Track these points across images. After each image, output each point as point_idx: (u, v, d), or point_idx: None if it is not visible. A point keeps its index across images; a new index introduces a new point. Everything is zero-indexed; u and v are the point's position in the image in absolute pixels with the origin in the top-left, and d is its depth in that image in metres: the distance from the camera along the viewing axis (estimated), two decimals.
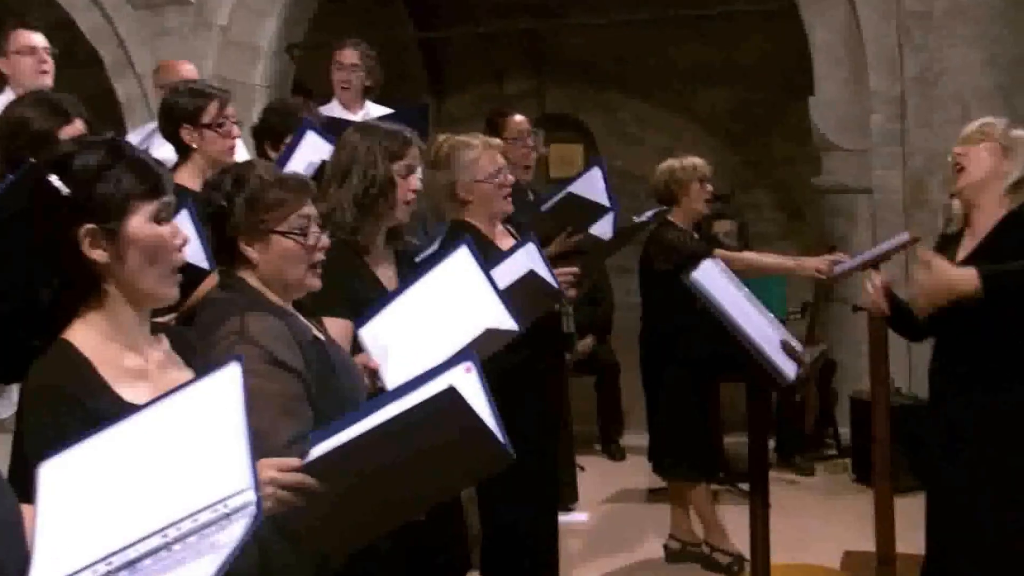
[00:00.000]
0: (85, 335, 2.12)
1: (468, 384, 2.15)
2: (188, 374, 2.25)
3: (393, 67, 6.63)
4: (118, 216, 2.10)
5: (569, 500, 6.30)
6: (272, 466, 2.00)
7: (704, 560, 5.56)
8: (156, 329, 2.27)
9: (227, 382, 1.90)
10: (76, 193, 2.08)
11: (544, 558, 4.32)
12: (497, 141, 4.20)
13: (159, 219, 2.15)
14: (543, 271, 3.53)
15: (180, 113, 3.80)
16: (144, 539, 1.67)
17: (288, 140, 4.19)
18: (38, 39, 5.20)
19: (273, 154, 4.36)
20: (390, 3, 10.49)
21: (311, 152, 3.88)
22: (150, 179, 2.15)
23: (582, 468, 6.87)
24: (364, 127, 3.50)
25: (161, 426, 1.86)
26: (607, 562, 5.61)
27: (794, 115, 8.30)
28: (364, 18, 9.50)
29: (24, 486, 1.79)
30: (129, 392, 2.09)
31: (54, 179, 2.08)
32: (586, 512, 6.37)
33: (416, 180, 3.36)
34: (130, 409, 2.03)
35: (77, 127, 3.31)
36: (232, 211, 2.62)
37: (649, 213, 5.36)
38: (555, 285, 3.00)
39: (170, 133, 3.83)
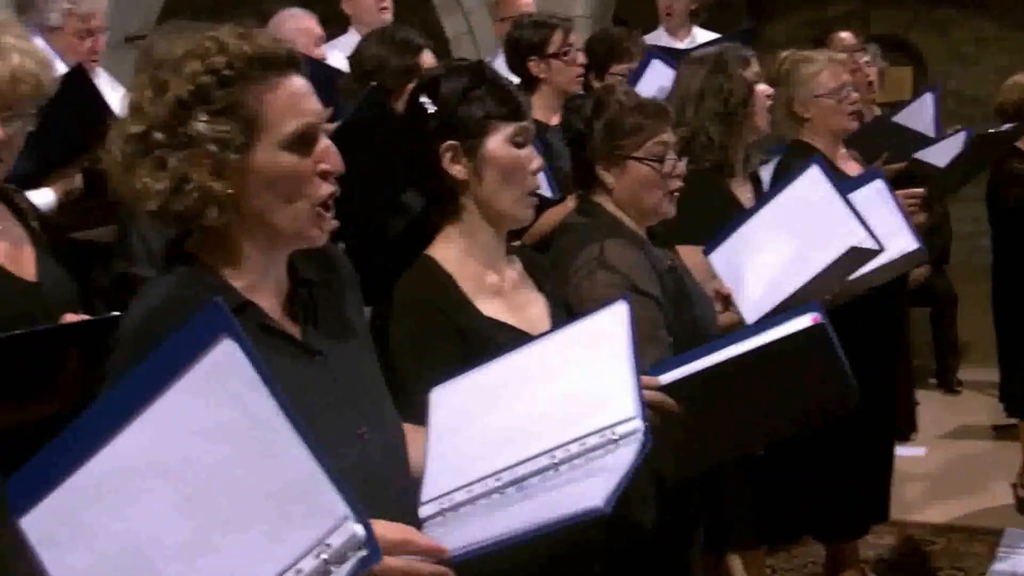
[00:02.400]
0: (446, 251, 2.23)
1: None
2: (539, 296, 2.32)
3: None
4: (478, 135, 2.19)
5: (908, 431, 6.03)
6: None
7: None
8: (510, 251, 2.34)
9: (614, 318, 1.93)
10: (442, 112, 2.20)
11: (877, 492, 4.14)
12: (842, 56, 4.00)
13: (517, 142, 2.22)
14: (891, 209, 3.31)
15: (526, 45, 3.84)
16: (532, 458, 1.72)
17: (613, 69, 4.16)
18: None
19: (597, 84, 4.34)
20: None
21: (656, 79, 3.83)
22: (510, 103, 2.23)
23: (917, 403, 6.57)
24: (705, 50, 3.46)
25: (548, 357, 1.92)
26: (949, 506, 5.31)
27: None
28: None
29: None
30: (488, 307, 2.19)
31: (424, 99, 2.23)
32: (924, 447, 6.09)
33: (767, 89, 3.30)
34: (494, 325, 2.15)
35: (428, 58, 3.41)
36: (591, 136, 2.64)
37: (1007, 126, 4.94)
38: (878, 246, 2.80)
39: (517, 66, 3.89)
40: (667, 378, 2.09)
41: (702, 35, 5.56)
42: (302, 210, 1.68)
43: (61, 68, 3.53)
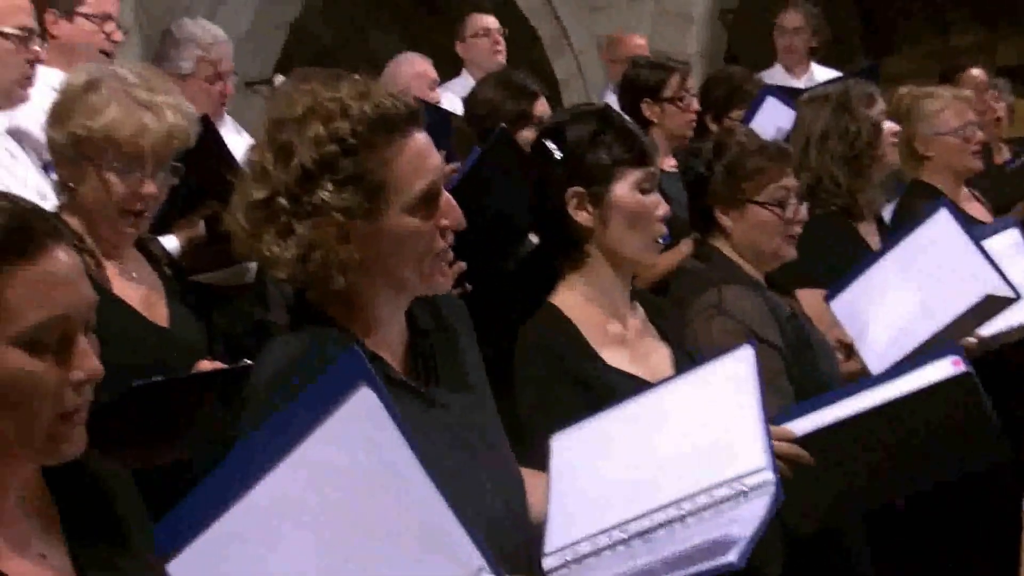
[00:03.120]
0: (570, 298, 2.21)
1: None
2: (662, 346, 2.28)
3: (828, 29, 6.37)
4: (605, 181, 2.18)
5: None
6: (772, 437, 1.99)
7: None
8: (633, 297, 2.32)
9: (740, 365, 1.90)
10: (568, 158, 2.19)
11: (1005, 549, 3.97)
12: (967, 93, 3.90)
13: (644, 188, 2.20)
14: None
15: (642, 86, 3.83)
16: (659, 510, 1.70)
17: (733, 113, 4.12)
18: (491, 21, 5.48)
19: (715, 127, 4.30)
20: None
21: (772, 118, 3.78)
22: (637, 148, 2.22)
23: None
24: (826, 88, 3.40)
25: (672, 403, 1.89)
26: None
27: None
28: None
29: None
30: (611, 356, 2.16)
31: (549, 144, 2.21)
32: None
33: (893, 127, 3.23)
34: (617, 375, 2.12)
35: (542, 106, 3.43)
36: (710, 178, 2.62)
37: None
38: (1014, 294, 2.70)
39: (630, 106, 3.89)
40: (800, 429, 2.04)
41: (821, 72, 5.47)
42: (426, 264, 1.70)
43: None
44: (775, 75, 5.48)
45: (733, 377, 1.88)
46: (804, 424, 2.06)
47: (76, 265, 1.31)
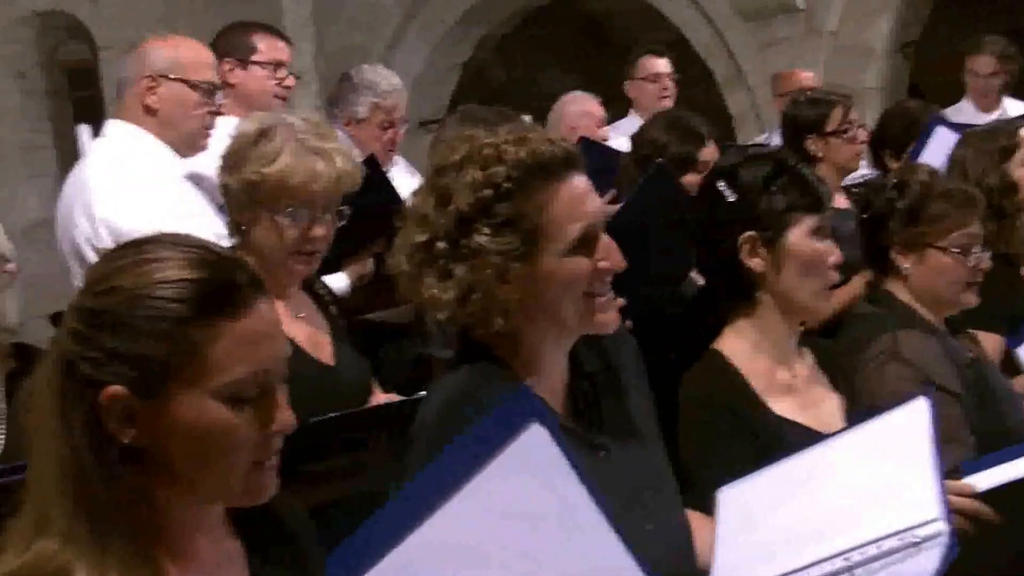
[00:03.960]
0: (736, 345, 2.16)
1: None
2: (832, 394, 2.21)
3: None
4: (779, 227, 2.13)
5: None
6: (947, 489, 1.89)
7: None
8: (801, 342, 2.25)
9: (914, 415, 1.83)
10: (741, 201, 2.15)
11: None
12: None
13: (818, 235, 2.14)
14: None
15: (803, 123, 3.75)
16: (825, 560, 1.64)
17: (911, 148, 3.98)
18: (663, 65, 5.45)
19: (894, 164, 4.15)
20: None
21: (942, 149, 3.63)
22: (813, 194, 2.16)
23: None
24: (967, 136, 3.26)
25: (842, 456, 1.84)
26: None
27: None
28: (988, 7, 8.89)
29: None
30: (779, 405, 2.11)
31: (722, 186, 2.17)
32: None
33: None
34: (785, 424, 2.07)
35: (710, 151, 3.38)
36: (890, 218, 2.52)
37: None
38: None
39: (794, 144, 3.81)
40: (983, 483, 1.93)
41: (1014, 107, 5.23)
42: (586, 304, 1.69)
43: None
44: (963, 110, 5.26)
45: (906, 429, 1.81)
46: (987, 478, 1.95)
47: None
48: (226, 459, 1.29)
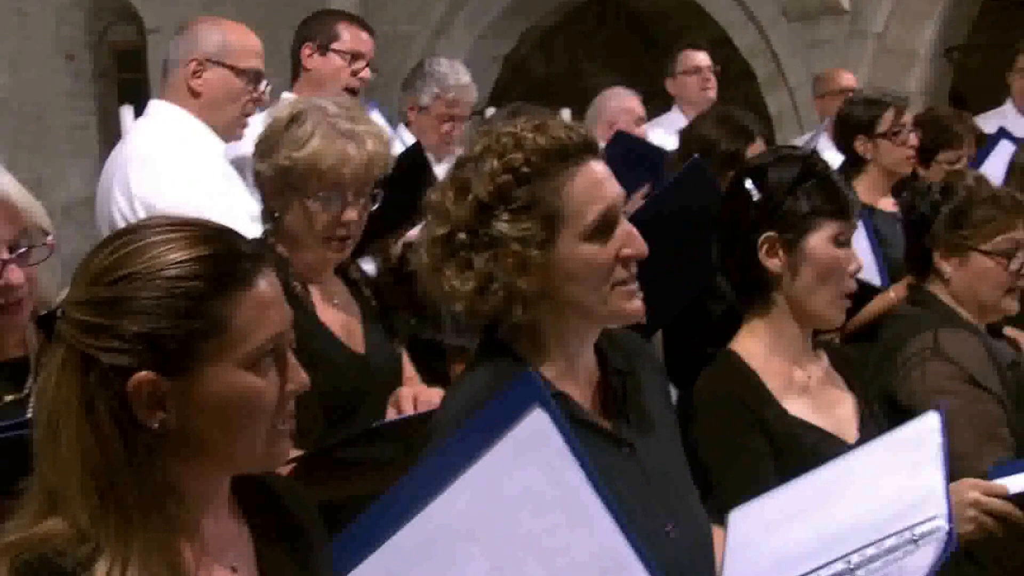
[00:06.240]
0: (751, 345, 2.16)
1: None
2: (847, 395, 2.21)
3: None
4: (801, 230, 2.11)
5: None
6: (978, 488, 1.93)
7: None
8: (817, 345, 2.25)
9: (924, 429, 1.83)
10: (766, 201, 2.13)
11: None
12: None
13: (839, 241, 2.13)
14: None
15: (855, 123, 3.74)
16: (825, 565, 1.64)
17: (940, 156, 3.96)
18: (702, 59, 5.43)
19: (923, 172, 4.12)
20: None
21: (1004, 161, 3.59)
22: (839, 200, 2.15)
23: None
24: None
25: (851, 475, 1.84)
26: None
27: None
28: None
29: None
30: (793, 406, 2.10)
31: (749, 184, 2.16)
32: None
33: None
34: (796, 423, 2.07)
35: (759, 147, 3.36)
36: (934, 221, 2.52)
37: None
38: None
39: (844, 144, 3.80)
40: (1015, 486, 1.93)
41: None
42: (609, 292, 1.69)
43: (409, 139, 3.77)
44: (1005, 115, 5.19)
45: (916, 441, 1.81)
46: (1020, 481, 1.95)
47: (279, 285, 1.38)
48: (253, 424, 1.33)
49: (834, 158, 3.83)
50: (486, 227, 1.66)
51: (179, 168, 2.87)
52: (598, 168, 1.70)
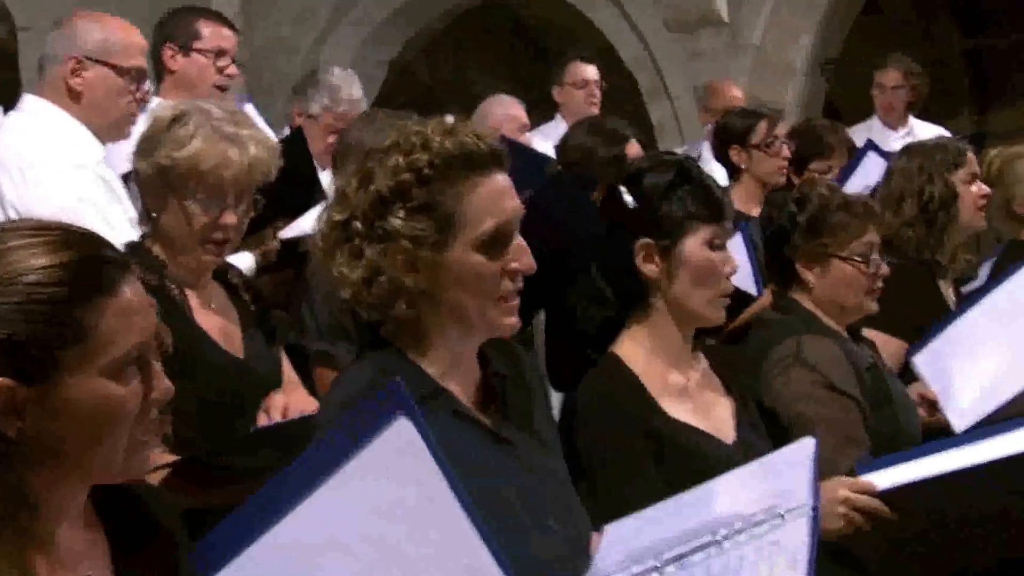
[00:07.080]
0: (632, 350, 2.19)
1: None
2: (725, 398, 2.26)
3: (932, 81, 6.27)
4: (676, 235, 2.15)
5: None
6: (847, 486, 1.98)
7: None
8: (696, 347, 2.29)
9: (799, 453, 1.85)
10: (641, 208, 2.17)
11: None
12: None
13: (714, 245, 2.18)
14: None
15: (730, 134, 3.84)
16: (692, 534, 1.67)
17: (812, 165, 4.10)
18: (591, 72, 5.51)
19: (796, 179, 4.24)
20: (932, 13, 9.95)
21: (871, 173, 3.72)
22: (712, 204, 2.19)
23: None
24: (911, 148, 3.37)
25: (726, 487, 1.85)
26: None
27: None
28: (902, 30, 9.09)
29: None
30: (674, 408, 2.14)
31: (623, 191, 2.19)
32: None
33: (982, 189, 3.19)
34: (677, 425, 2.11)
35: (634, 149, 3.43)
36: (793, 231, 2.59)
37: None
38: None
39: (721, 154, 3.90)
40: (882, 483, 1.99)
41: (920, 127, 5.38)
42: (490, 306, 1.71)
43: None
44: (872, 127, 5.41)
45: (790, 461, 1.83)
46: (885, 478, 2.01)
47: (144, 292, 1.35)
48: (114, 434, 1.29)
49: (719, 169, 3.94)
50: (382, 220, 1.68)
51: (54, 172, 2.78)
52: (502, 182, 1.73)
